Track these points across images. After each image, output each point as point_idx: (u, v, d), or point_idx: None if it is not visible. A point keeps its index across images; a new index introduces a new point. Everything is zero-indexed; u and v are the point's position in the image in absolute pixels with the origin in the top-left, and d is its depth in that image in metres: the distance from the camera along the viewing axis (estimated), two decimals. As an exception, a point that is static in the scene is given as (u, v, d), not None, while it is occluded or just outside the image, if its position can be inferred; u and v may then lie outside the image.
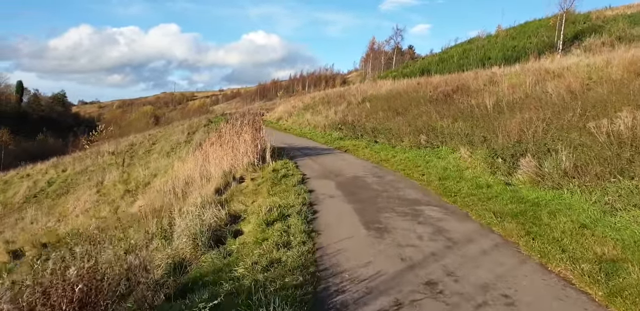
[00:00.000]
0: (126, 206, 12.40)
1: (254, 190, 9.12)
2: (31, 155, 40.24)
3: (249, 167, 11.11)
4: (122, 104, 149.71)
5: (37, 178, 24.52)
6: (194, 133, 25.09)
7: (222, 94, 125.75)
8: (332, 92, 33.68)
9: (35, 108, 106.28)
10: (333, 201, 7.52)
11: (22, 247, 9.47)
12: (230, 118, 13.50)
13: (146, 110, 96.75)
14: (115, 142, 32.01)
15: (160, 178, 14.17)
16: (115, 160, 20.95)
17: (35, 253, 8.95)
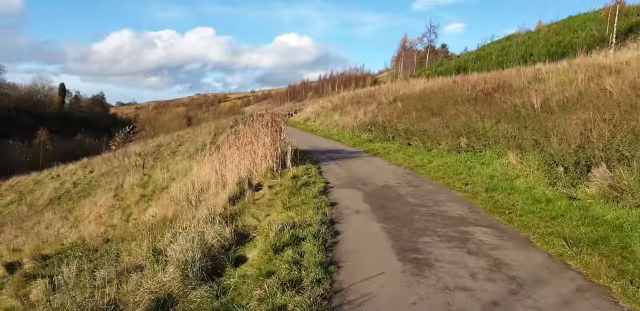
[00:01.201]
0: (138, 213, 11.51)
1: (270, 200, 7.98)
2: (68, 155, 40.62)
3: (267, 173, 10.00)
4: (158, 105, 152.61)
5: (64, 179, 24.22)
6: (220, 134, 24.27)
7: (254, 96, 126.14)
8: (362, 92, 32.35)
9: (76, 110, 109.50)
10: (359, 218, 6.27)
11: (21, 259, 8.66)
12: (250, 119, 12.44)
13: (179, 112, 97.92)
14: (142, 143, 31.65)
15: (177, 183, 13.24)
16: (136, 162, 20.30)
17: (31, 266, 8.11)
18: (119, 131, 29.05)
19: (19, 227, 14.60)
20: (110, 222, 11.28)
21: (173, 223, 9.27)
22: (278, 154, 10.60)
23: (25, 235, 12.83)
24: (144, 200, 12.90)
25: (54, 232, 12.02)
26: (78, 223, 12.41)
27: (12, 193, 23.27)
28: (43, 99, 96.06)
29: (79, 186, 20.68)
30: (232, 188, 9.29)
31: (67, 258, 8.22)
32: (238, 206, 8.18)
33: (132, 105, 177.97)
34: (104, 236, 9.69)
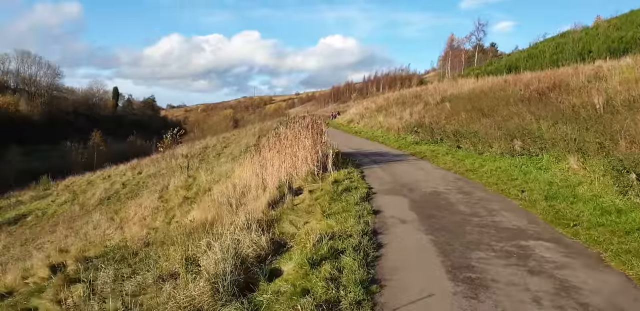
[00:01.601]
0: (181, 216, 11.46)
1: (309, 205, 7.63)
2: (120, 157, 42.07)
3: (308, 177, 9.66)
4: (206, 108, 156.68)
5: (114, 180, 24.90)
6: (263, 136, 24.26)
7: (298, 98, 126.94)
8: (408, 93, 31.55)
9: (128, 112, 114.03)
10: (405, 229, 5.79)
11: (65, 260, 8.74)
12: (292, 122, 12.17)
13: (226, 114, 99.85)
14: (190, 145, 32.21)
15: (220, 185, 13.15)
16: (181, 163, 20.52)
17: (74, 269, 8.14)
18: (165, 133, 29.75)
19: (70, 226, 15.00)
20: (152, 225, 11.29)
21: (213, 226, 9.12)
22: (319, 157, 10.25)
23: (74, 235, 13.12)
24: (187, 202, 12.89)
25: (100, 232, 12.19)
26: (123, 225, 12.54)
27: (67, 193, 24.15)
28: (98, 102, 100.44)
29: (127, 187, 21.16)
30: (272, 192, 9.01)
31: (108, 261, 8.21)
32: (277, 211, 7.89)
33: (182, 107, 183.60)
34: (145, 240, 9.64)
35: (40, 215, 19.62)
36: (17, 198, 27.61)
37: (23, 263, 9.70)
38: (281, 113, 72.64)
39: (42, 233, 15.18)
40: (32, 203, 23.75)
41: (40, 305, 6.39)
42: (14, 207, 24.06)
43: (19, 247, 13.72)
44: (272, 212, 8.05)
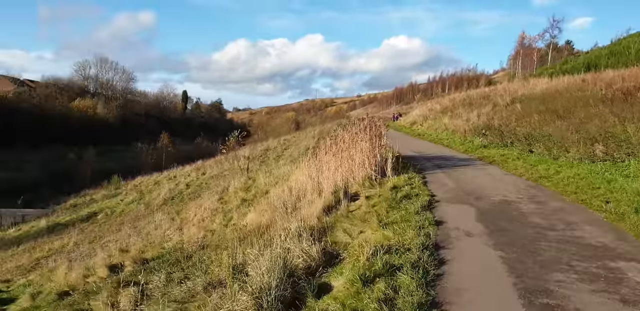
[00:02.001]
0: (238, 218, 11.40)
1: (366, 213, 7.20)
2: (187, 158, 43.66)
3: (365, 182, 9.22)
4: (270, 111, 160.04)
5: (179, 181, 25.69)
6: (323, 138, 24.05)
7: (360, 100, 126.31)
8: (475, 93, 30.17)
9: (196, 115, 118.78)
10: (471, 243, 5.22)
11: (124, 261, 8.89)
12: (349, 123, 11.78)
13: (289, 116, 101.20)
14: (252, 147, 32.69)
15: (277, 188, 13.01)
16: (241, 165, 20.71)
17: (130, 270, 8.23)
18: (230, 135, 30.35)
19: (134, 225, 15.50)
20: (210, 227, 11.31)
21: (268, 230, 8.93)
22: (377, 161, 9.78)
23: (137, 235, 13.48)
24: (244, 205, 12.85)
25: (160, 233, 12.42)
26: (183, 226, 12.70)
27: (135, 193, 25.21)
28: (168, 105, 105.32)
29: (191, 187, 21.69)
30: (328, 197, 8.66)
31: (163, 263, 8.23)
32: (331, 218, 7.52)
33: (247, 110, 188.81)
34: (201, 242, 9.63)
35: (109, 213, 20.56)
36: (91, 197, 29.27)
37: (87, 261, 9.99)
38: (342, 116, 72.43)
39: (109, 232, 15.81)
40: (104, 202, 25.01)
41: (95, 306, 6.44)
42: (87, 205, 25.48)
43: (87, 244, 14.35)
44: (327, 218, 7.70)
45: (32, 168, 44.45)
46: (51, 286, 8.45)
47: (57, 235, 18.06)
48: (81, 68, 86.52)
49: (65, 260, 11.92)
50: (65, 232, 18.04)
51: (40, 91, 69.89)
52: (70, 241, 15.19)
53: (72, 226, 19.18)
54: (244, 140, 53.83)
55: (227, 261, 5.64)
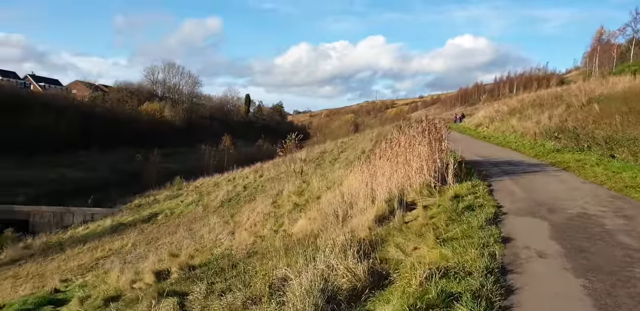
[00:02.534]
0: (289, 224, 11.02)
1: (422, 225, 6.51)
2: (248, 160, 44.42)
3: (423, 189, 8.50)
4: (329, 113, 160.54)
5: (237, 183, 25.89)
6: (381, 141, 23.32)
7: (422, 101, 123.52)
8: (546, 93, 28.22)
9: (258, 118, 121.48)
10: (545, 266, 4.43)
11: (170, 267, 8.74)
12: (407, 126, 11.07)
13: (347, 118, 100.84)
14: (309, 149, 32.49)
15: (330, 193, 12.53)
16: (295, 168, 20.44)
17: (176, 277, 8.04)
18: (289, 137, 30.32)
19: (190, 227, 15.60)
20: (260, 232, 10.99)
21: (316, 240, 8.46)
22: (437, 167, 9.01)
23: (191, 237, 13.48)
24: (297, 210, 12.48)
25: (213, 236, 12.30)
26: (235, 229, 12.52)
27: (195, 194, 25.70)
28: (232, 109, 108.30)
29: (248, 190, 21.70)
30: (381, 205, 8.04)
31: (207, 272, 7.97)
32: (384, 229, 6.91)
33: (307, 113, 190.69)
34: (250, 249, 9.32)
35: (169, 214, 20.99)
36: (154, 197, 30.24)
37: (138, 265, 9.98)
38: (402, 117, 70.92)
39: (166, 233, 16.02)
40: (165, 203, 25.68)
41: (134, 316, 6.26)
42: (150, 205, 26.28)
43: (144, 246, 14.58)
44: (379, 229, 7.10)
45: (103, 168, 46.88)
46: (101, 290, 8.44)
47: (120, 234, 18.63)
48: (150, 73, 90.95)
49: (121, 261, 12.08)
50: (127, 232, 18.57)
51: (113, 95, 74.01)
52: (129, 242, 15.55)
53: (134, 226, 19.76)
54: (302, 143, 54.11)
55: (264, 278, 5.19)
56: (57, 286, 10.48)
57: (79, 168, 45.78)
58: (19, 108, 49.19)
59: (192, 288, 6.50)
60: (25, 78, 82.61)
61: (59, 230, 24.86)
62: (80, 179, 42.22)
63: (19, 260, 17.60)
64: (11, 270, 15.84)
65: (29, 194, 34.66)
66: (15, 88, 58.43)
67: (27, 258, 17.58)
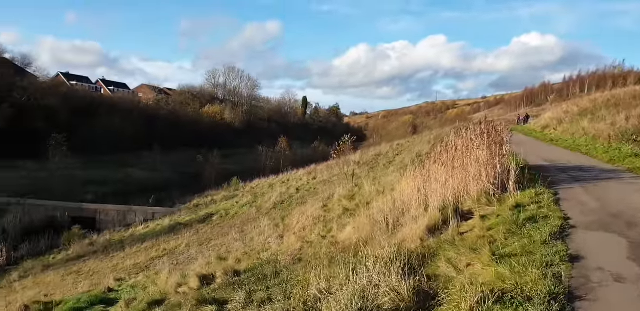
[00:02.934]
0: (337, 229, 10.66)
1: (478, 238, 5.95)
2: (303, 161, 44.65)
3: (481, 197, 7.87)
4: (387, 114, 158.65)
5: (291, 185, 25.87)
6: (439, 144, 22.44)
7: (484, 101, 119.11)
8: (622, 93, 26.11)
9: (315, 120, 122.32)
10: (621, 294, 3.78)
11: (215, 272, 8.64)
12: (464, 128, 10.41)
13: (405, 120, 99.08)
14: (364, 151, 32.00)
15: (382, 198, 12.06)
16: (347, 172, 20.04)
17: (220, 283, 7.91)
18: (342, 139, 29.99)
19: (241, 229, 15.63)
20: (308, 237, 10.70)
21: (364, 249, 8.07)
22: (497, 173, 8.32)
23: (242, 240, 13.46)
24: (346, 215, 12.10)
25: (262, 240, 12.18)
26: (284, 233, 12.33)
27: (250, 195, 25.94)
28: (289, 111, 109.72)
29: (300, 192, 21.58)
30: (434, 214, 7.50)
31: (252, 277, 7.77)
32: (435, 241, 6.40)
33: (364, 114, 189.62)
34: (297, 255, 9.06)
35: (224, 215, 21.26)
36: (212, 197, 30.88)
37: (186, 268, 10.01)
38: (463, 119, 68.67)
39: (219, 235, 16.15)
40: (222, 203, 26.11)
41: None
42: (207, 206, 26.84)
43: (197, 247, 14.75)
44: (430, 240, 6.60)
45: (165, 169, 48.69)
46: (149, 292, 8.48)
47: (176, 234, 19.07)
48: (211, 76, 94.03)
49: (173, 262, 12.23)
50: (183, 232, 18.97)
51: (176, 98, 76.99)
52: (183, 243, 15.82)
53: (190, 226, 20.17)
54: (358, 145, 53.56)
55: (302, 291, 4.87)
56: (111, 285, 10.73)
57: (143, 168, 47.83)
58: (90, 110, 52.22)
59: (232, 295, 6.31)
60: (97, 83, 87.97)
61: (122, 228, 25.93)
62: (143, 179, 44.07)
63: (83, 256, 18.44)
64: (76, 266, 16.59)
65: (97, 192, 36.58)
66: (87, 92, 62.21)
67: (91, 255, 18.38)
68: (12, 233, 25.01)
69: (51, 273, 16.31)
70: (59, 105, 48.14)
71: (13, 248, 22.67)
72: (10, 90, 46.17)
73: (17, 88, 46.48)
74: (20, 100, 45.89)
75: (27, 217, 27.20)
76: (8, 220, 25.56)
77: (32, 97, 46.75)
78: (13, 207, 28.22)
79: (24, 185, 33.57)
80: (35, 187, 33.82)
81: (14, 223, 25.59)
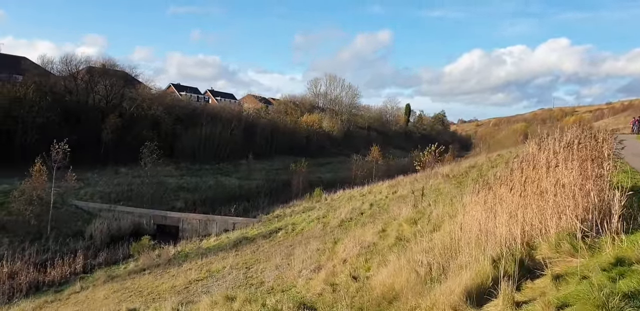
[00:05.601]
0: (377, 268, 8.34)
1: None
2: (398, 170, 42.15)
3: (561, 241, 5.20)
4: (498, 122, 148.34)
5: (367, 198, 23.63)
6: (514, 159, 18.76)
7: (609, 107, 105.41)
8: None
9: (418, 127, 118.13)
10: None
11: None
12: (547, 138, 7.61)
13: (517, 128, 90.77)
14: (457, 162, 28.70)
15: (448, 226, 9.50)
16: (423, 187, 17.27)
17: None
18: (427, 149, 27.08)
19: (291, 252, 13.79)
20: (333, 279, 8.45)
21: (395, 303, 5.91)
22: (593, 203, 5.54)
23: (281, 267, 11.66)
24: (399, 245, 9.73)
25: (297, 270, 10.26)
26: (326, 264, 10.27)
27: (325, 208, 24.15)
28: (390, 119, 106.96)
29: (373, 208, 19.24)
30: (482, 267, 5.05)
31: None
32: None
33: (473, 122, 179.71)
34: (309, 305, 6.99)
35: (290, 231, 19.65)
36: (292, 209, 29.68)
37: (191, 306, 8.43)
38: (582, 126, 60.72)
39: (271, 256, 14.47)
40: (296, 216, 24.64)
41: None
42: (282, 218, 25.55)
43: (239, 270, 13.19)
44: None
45: (258, 177, 48.98)
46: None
47: (237, 250, 17.86)
48: (313, 85, 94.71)
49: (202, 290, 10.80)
50: (243, 249, 17.73)
51: (275, 108, 78.46)
52: (228, 264, 14.39)
53: (253, 242, 18.86)
54: (464, 153, 48.94)
55: None
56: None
57: (237, 177, 48.57)
58: (192, 120, 54.58)
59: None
60: (205, 93, 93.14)
61: (200, 238, 25.67)
62: (235, 187, 44.59)
63: (145, 269, 17.97)
64: (130, 281, 16.03)
65: (188, 200, 37.45)
66: (190, 102, 65.33)
67: (153, 268, 17.84)
68: (98, 239, 25.97)
69: (107, 286, 15.93)
70: (163, 114, 50.87)
71: (94, 255, 23.31)
72: (120, 101, 49.87)
73: (126, 99, 50.00)
74: (129, 110, 49.25)
75: (114, 223, 28.22)
76: (95, 226, 26.60)
77: (139, 107, 49.96)
78: (104, 213, 29.55)
79: (119, 191, 35.33)
80: (131, 193, 35.45)
81: (101, 229, 26.56)
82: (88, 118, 45.96)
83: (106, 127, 44.84)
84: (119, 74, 51.76)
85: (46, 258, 22.48)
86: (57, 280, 19.72)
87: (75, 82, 49.03)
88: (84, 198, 32.84)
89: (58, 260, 21.21)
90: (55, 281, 19.62)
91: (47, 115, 41.52)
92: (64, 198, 31.11)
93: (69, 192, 32.22)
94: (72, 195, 32.55)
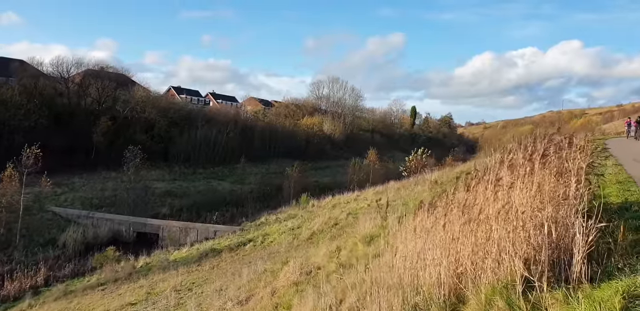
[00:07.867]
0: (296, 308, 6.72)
1: None
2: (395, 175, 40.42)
3: (497, 294, 3.60)
4: (506, 124, 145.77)
5: (349, 207, 21.98)
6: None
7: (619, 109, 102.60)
8: None
9: (424, 130, 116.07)
10: None
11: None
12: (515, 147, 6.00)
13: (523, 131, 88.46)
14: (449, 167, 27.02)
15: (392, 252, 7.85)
16: (385, 198, 15.61)
17: None
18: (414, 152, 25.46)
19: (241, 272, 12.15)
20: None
21: None
22: (547, 239, 3.91)
23: (223, 290, 10.11)
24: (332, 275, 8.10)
25: (224, 300, 8.69)
26: (255, 295, 8.62)
27: (305, 217, 22.57)
28: (394, 121, 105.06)
29: (349, 218, 17.61)
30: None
31: None
32: None
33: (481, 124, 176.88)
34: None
35: (259, 243, 18.08)
36: (277, 216, 28.06)
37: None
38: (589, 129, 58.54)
39: (223, 275, 12.92)
40: (274, 225, 23.08)
41: None
42: (260, 227, 23.96)
43: (178, 293, 11.65)
44: None
45: (252, 181, 47.47)
46: None
47: (200, 265, 16.38)
48: (315, 88, 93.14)
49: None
50: (205, 264, 16.21)
51: (274, 110, 77.01)
52: (172, 285, 12.82)
53: (218, 255, 17.32)
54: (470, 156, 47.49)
55: None
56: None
57: (230, 181, 47.16)
58: (188, 123, 53.28)
59: None
60: (206, 96, 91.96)
61: (176, 247, 24.17)
62: (226, 192, 43.16)
63: (102, 284, 16.53)
64: (78, 299, 14.56)
65: (174, 206, 36.02)
66: (186, 105, 64.11)
67: (110, 284, 16.39)
68: (70, 248, 24.55)
69: (55, 304, 14.49)
70: (157, 117, 49.67)
71: (62, 266, 21.88)
72: (113, 103, 48.71)
73: (120, 101, 48.84)
74: (123, 112, 48.07)
75: (91, 230, 26.86)
76: (69, 234, 25.21)
77: (133, 110, 48.77)
78: (82, 220, 28.19)
79: (102, 197, 34.02)
80: (115, 198, 34.11)
81: (75, 237, 25.17)
82: (79, 122, 44.83)
83: (97, 130, 43.68)
84: (113, 76, 50.69)
85: (8, 270, 21.03)
86: (13, 295, 18.29)
87: (67, 85, 47.98)
88: (63, 204, 31.53)
89: (18, 273, 19.79)
90: (10, 296, 18.19)
91: (35, 119, 40.42)
92: (42, 204, 29.86)
93: (48, 198, 30.99)
94: (51, 200, 31.31)
